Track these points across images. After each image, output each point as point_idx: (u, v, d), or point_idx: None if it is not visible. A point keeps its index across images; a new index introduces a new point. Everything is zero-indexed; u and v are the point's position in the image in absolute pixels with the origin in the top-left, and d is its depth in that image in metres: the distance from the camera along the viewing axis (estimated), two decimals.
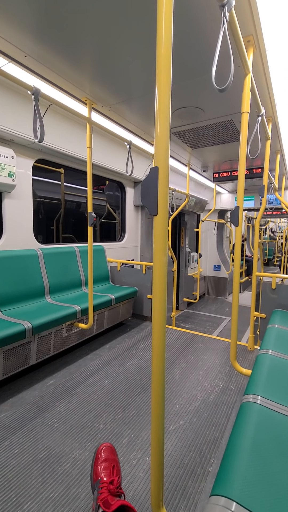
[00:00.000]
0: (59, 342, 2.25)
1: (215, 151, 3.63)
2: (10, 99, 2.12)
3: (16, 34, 1.56)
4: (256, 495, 0.71)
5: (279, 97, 2.19)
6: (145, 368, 2.20)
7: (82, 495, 1.14)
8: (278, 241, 12.65)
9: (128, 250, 4.04)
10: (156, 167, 0.73)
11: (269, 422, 1.00)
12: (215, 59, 1.08)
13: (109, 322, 2.89)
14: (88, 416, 1.63)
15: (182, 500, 1.14)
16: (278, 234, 13.28)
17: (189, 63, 1.77)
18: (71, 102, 2.30)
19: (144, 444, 1.42)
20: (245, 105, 1.55)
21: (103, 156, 3.16)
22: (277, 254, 12.40)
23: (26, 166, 2.53)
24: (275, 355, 1.54)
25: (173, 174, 4.60)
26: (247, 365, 2.28)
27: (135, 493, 1.16)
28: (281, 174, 4.38)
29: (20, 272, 2.37)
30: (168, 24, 0.70)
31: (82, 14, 1.40)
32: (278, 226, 14.19)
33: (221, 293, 6.67)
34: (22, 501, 1.10)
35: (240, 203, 1.62)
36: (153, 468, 0.83)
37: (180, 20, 1.40)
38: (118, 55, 1.72)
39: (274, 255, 12.25)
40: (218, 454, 1.36)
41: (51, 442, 1.42)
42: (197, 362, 2.32)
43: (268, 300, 2.62)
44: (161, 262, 0.77)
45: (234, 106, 2.33)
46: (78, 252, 3.04)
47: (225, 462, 0.83)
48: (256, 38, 1.52)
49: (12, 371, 1.88)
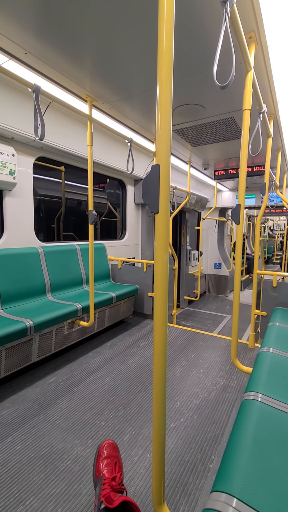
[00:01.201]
0: (60, 340, 2.26)
1: (216, 149, 3.61)
2: (10, 97, 2.11)
3: (16, 31, 1.55)
4: (257, 492, 0.72)
5: (280, 94, 2.17)
6: (146, 365, 2.21)
7: (84, 491, 1.15)
8: (277, 239, 12.67)
9: (129, 248, 4.04)
10: (158, 164, 0.73)
11: (269, 419, 1.00)
12: (216, 55, 1.07)
13: (110, 320, 2.90)
14: (89, 413, 1.63)
15: (183, 497, 1.15)
16: (277, 232, 13.28)
17: (191, 60, 1.76)
18: (71, 99, 2.29)
19: (145, 441, 1.43)
20: (247, 102, 1.54)
21: (104, 154, 3.15)
22: (276, 252, 12.41)
23: (27, 164, 2.53)
24: (276, 353, 1.54)
25: (174, 172, 4.58)
26: (248, 363, 2.29)
27: (136, 489, 1.16)
28: (282, 171, 4.36)
29: (21, 270, 2.37)
30: (169, 21, 0.69)
31: (83, 11, 1.39)
32: (277, 224, 14.17)
33: (222, 291, 6.67)
34: (24, 497, 1.11)
35: (242, 201, 1.62)
36: (154, 465, 0.84)
37: (182, 16, 1.38)
38: (119, 52, 1.71)
39: (273, 253, 12.27)
40: (219, 451, 1.37)
41: (52, 439, 1.43)
42: (198, 360, 2.33)
43: (269, 298, 2.62)
44: (163, 260, 0.77)
45: (235, 103, 2.32)
46: (79, 250, 3.05)
47: (226, 459, 0.84)
48: (258, 34, 1.51)
49: (13, 369, 1.89)
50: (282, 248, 13.49)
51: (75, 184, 5.21)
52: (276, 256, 12.23)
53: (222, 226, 6.84)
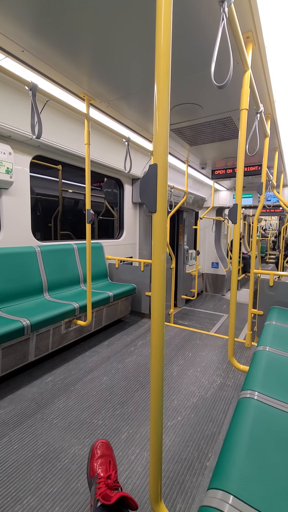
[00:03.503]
0: (57, 339, 2.26)
1: (213, 148, 3.62)
2: (7, 95, 2.10)
3: (12, 28, 1.54)
4: (253, 489, 0.72)
5: (278, 94, 2.18)
6: (144, 364, 2.22)
7: (81, 490, 1.15)
8: (270, 239, 12.81)
9: (126, 247, 4.04)
10: (155, 164, 0.73)
11: (266, 417, 1.01)
12: (214, 55, 1.07)
13: (107, 319, 2.90)
14: (87, 412, 1.64)
15: (180, 494, 1.15)
16: (270, 232, 13.42)
17: (188, 59, 1.76)
18: (69, 98, 2.28)
19: (142, 440, 1.43)
20: (244, 102, 1.54)
21: (101, 152, 3.14)
22: (269, 252, 12.56)
23: (24, 163, 2.51)
24: (272, 351, 1.55)
25: (172, 171, 4.58)
26: (245, 362, 2.30)
27: (133, 487, 1.17)
28: (279, 171, 4.38)
29: (18, 269, 2.36)
30: (167, 19, 0.69)
31: (81, 8, 1.38)
32: (269, 224, 14.31)
33: (219, 290, 6.69)
34: (21, 496, 1.11)
35: (239, 201, 1.63)
36: (152, 463, 0.84)
37: (180, 15, 1.38)
38: (117, 51, 1.70)
39: (266, 252, 12.41)
40: (215, 449, 1.38)
41: (50, 438, 1.43)
42: (195, 358, 2.34)
43: (266, 297, 2.64)
44: (160, 259, 0.77)
45: (233, 103, 2.32)
46: (76, 249, 3.04)
47: (222, 457, 0.84)
48: (255, 34, 1.51)
49: (10, 368, 1.88)
50: (274, 247, 13.67)
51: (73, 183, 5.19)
52: (269, 255, 12.38)
53: (219, 225, 6.86)
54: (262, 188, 2.40)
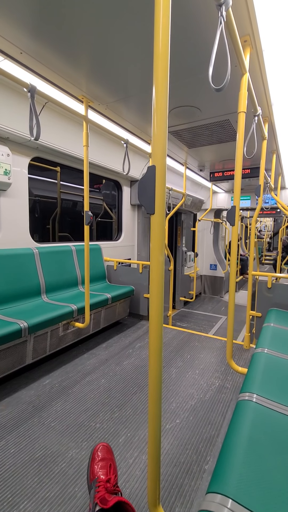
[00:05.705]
0: (55, 342, 2.25)
1: (211, 151, 3.64)
2: (5, 96, 2.10)
3: (11, 30, 1.54)
4: (252, 492, 0.72)
5: (275, 97, 2.20)
6: (142, 367, 2.21)
7: (79, 494, 1.14)
8: (265, 240, 12.93)
9: (124, 249, 4.04)
10: (153, 165, 0.73)
11: (264, 419, 1.00)
12: (212, 58, 1.08)
13: (105, 321, 2.89)
14: (84, 415, 1.62)
15: (178, 498, 1.14)
16: (265, 234, 13.52)
17: (186, 62, 1.77)
18: (67, 100, 2.28)
19: (140, 443, 1.42)
20: (242, 105, 1.55)
21: (100, 154, 3.14)
22: (265, 253, 12.64)
23: (22, 164, 2.51)
24: (270, 353, 1.55)
25: (170, 173, 4.59)
26: (243, 364, 2.30)
27: (131, 491, 1.16)
28: (277, 174, 4.41)
29: (16, 271, 2.35)
30: (165, 23, 0.70)
31: (79, 10, 1.39)
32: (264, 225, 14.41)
33: (217, 292, 6.70)
34: (18, 501, 1.10)
35: (237, 203, 1.63)
36: (150, 467, 0.83)
37: (178, 19, 1.39)
38: (115, 53, 1.71)
39: (262, 253, 12.50)
40: (214, 452, 1.37)
41: (47, 441, 1.41)
42: (194, 361, 2.33)
43: (264, 299, 2.64)
44: (159, 261, 0.77)
45: (230, 106, 2.34)
46: (75, 251, 3.03)
47: (221, 460, 0.84)
48: (253, 38, 1.52)
49: (8, 371, 1.87)
50: (270, 248, 13.78)
51: (71, 185, 5.19)
52: (265, 256, 12.47)
53: (218, 227, 6.87)
54: (260, 190, 2.41)
